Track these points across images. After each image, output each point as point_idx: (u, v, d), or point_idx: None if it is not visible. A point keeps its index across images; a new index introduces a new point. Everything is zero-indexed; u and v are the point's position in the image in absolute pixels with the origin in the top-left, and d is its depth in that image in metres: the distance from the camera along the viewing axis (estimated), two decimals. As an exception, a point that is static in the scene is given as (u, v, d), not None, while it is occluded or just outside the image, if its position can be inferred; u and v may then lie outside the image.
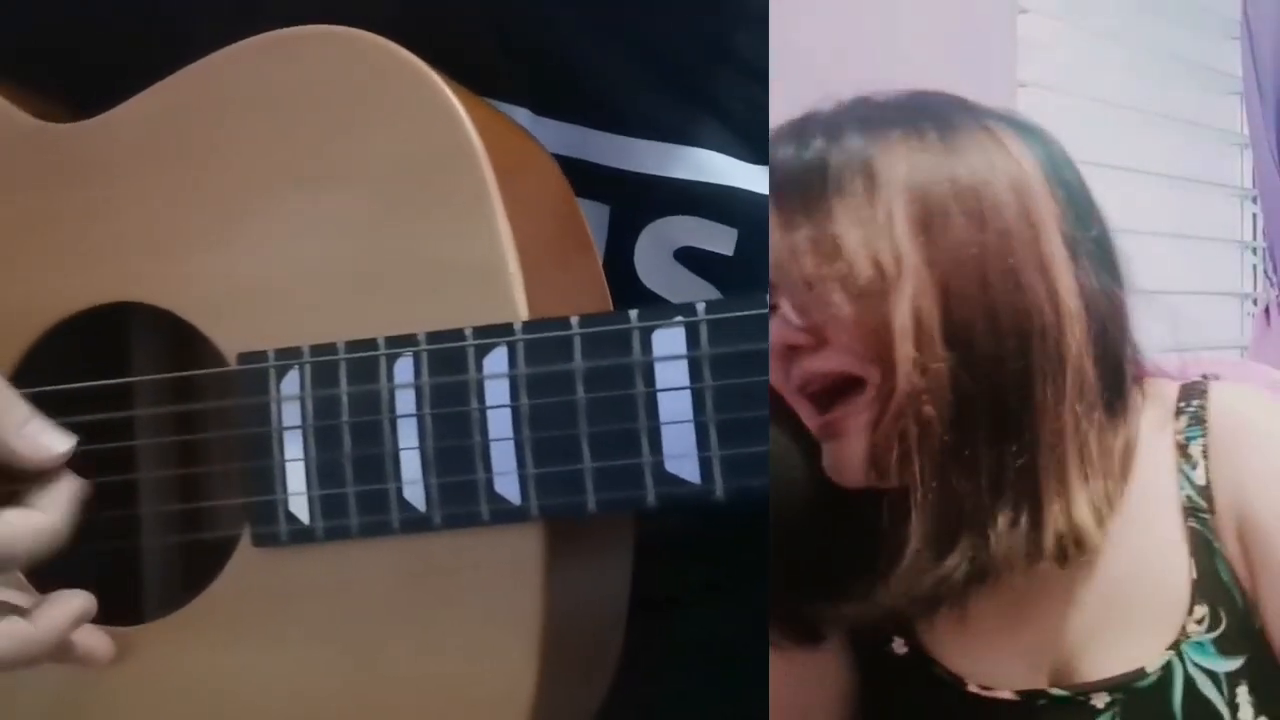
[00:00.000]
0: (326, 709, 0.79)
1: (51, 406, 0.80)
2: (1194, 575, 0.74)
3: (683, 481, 0.73)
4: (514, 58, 0.88)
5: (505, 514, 0.75)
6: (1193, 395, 0.76)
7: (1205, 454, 0.75)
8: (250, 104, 0.81)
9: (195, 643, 0.81)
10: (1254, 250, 1.88)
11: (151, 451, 0.86)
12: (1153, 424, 0.76)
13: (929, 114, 0.75)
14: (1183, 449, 0.75)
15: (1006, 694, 0.76)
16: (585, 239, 0.86)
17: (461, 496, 0.76)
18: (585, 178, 0.86)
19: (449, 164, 0.77)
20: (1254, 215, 1.89)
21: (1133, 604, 0.74)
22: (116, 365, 0.87)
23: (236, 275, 0.81)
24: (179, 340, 0.83)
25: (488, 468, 0.75)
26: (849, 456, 0.73)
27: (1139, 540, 0.74)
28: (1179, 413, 0.76)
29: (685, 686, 0.94)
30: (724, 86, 0.88)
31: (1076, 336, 0.71)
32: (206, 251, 0.81)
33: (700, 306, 0.73)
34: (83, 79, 0.87)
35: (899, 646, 0.78)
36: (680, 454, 0.73)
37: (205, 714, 0.81)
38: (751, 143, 0.87)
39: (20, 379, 0.83)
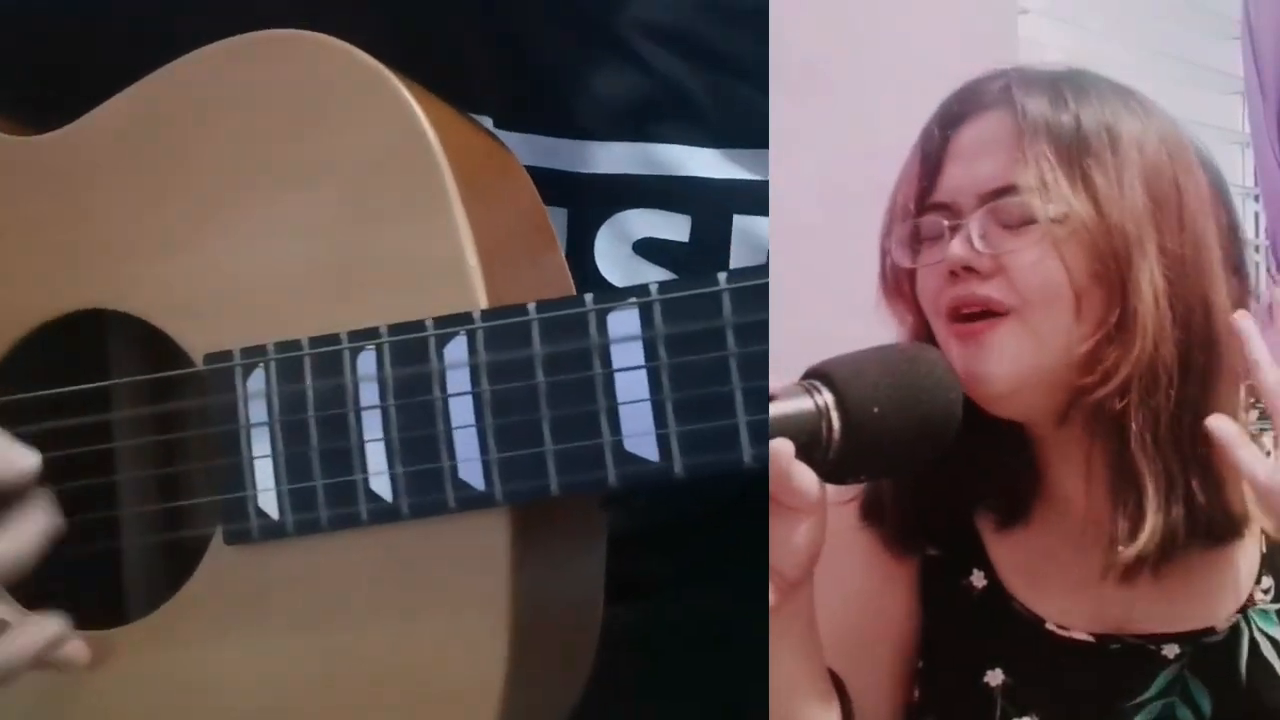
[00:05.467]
0: (302, 702, 0.80)
1: (25, 413, 0.82)
2: (1264, 549, 0.78)
3: (642, 460, 0.74)
4: (478, 70, 0.91)
5: (470, 500, 0.76)
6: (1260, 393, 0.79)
7: (1277, 444, 0.77)
8: (212, 109, 0.83)
9: (172, 643, 0.82)
10: (1256, 248, 1.87)
11: (123, 454, 0.87)
12: None
13: (1138, 102, 0.78)
14: (1254, 438, 0.77)
15: (1083, 635, 0.78)
16: (549, 234, 0.87)
17: (427, 485, 0.77)
18: (546, 184, 0.88)
19: (407, 162, 0.79)
20: (1256, 214, 1.88)
21: (1209, 566, 0.77)
22: (89, 371, 0.87)
23: (201, 278, 0.82)
24: (150, 344, 0.85)
25: (451, 455, 0.76)
26: (984, 365, 0.75)
27: None
28: (1249, 406, 0.79)
29: (667, 670, 0.95)
30: (676, 78, 0.90)
31: (1230, 329, 0.75)
32: (171, 256, 0.83)
33: (653, 288, 0.74)
34: (52, 90, 0.89)
35: (978, 580, 0.80)
36: (639, 433, 0.74)
37: (183, 712, 0.82)
38: (703, 128, 0.89)
39: (-6, 386, 0.85)
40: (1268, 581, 0.78)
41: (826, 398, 0.69)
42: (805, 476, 0.68)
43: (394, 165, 0.79)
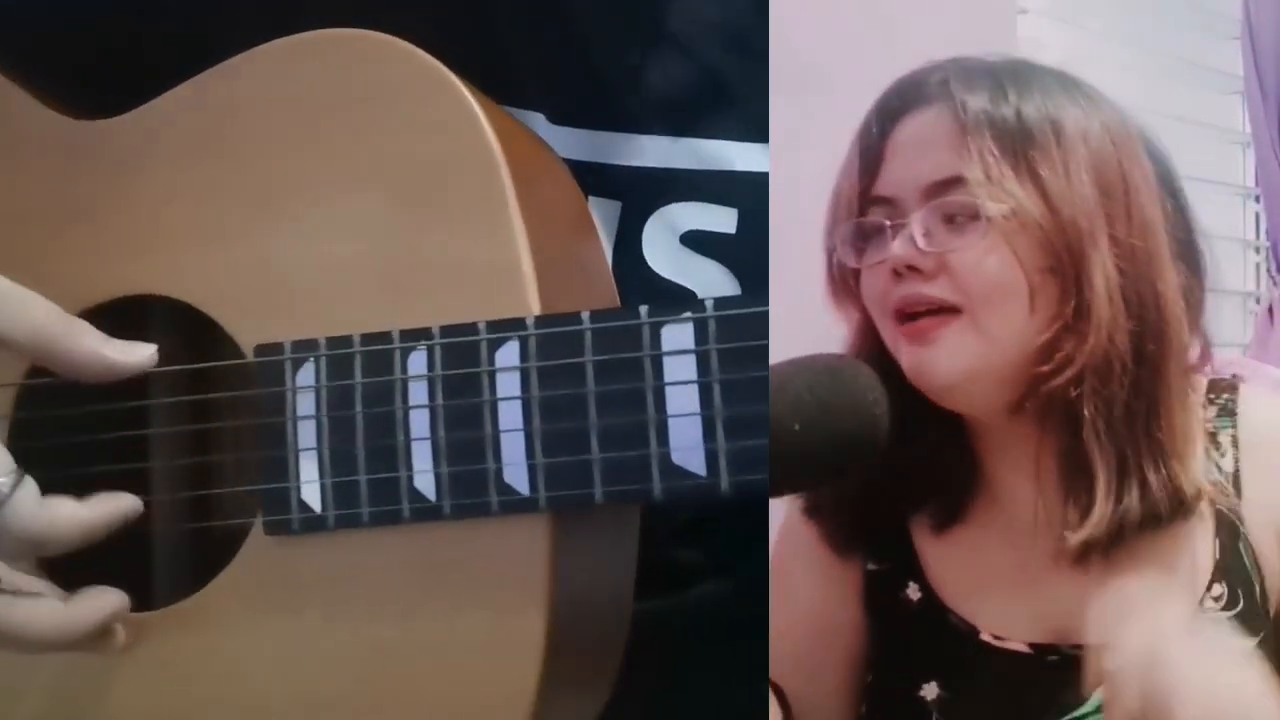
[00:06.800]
0: (332, 696, 0.80)
1: (72, 395, 0.82)
2: (1216, 555, 0.76)
3: (689, 474, 0.75)
4: (532, 67, 0.91)
5: (514, 504, 0.77)
6: (1222, 390, 0.79)
7: (1235, 444, 0.78)
8: (275, 104, 0.83)
9: (205, 630, 0.82)
10: (1256, 249, 1.88)
11: (167, 440, 0.88)
12: None
13: (1081, 90, 0.79)
14: (1212, 436, 0.78)
15: (1019, 645, 0.78)
16: (594, 239, 0.88)
17: (471, 486, 0.77)
18: (598, 178, 0.89)
19: (468, 167, 0.79)
20: (1256, 214, 1.89)
21: (1155, 573, 0.76)
22: None
23: (256, 270, 0.82)
24: (194, 333, 0.85)
25: (497, 458, 0.77)
26: (933, 363, 0.75)
27: None
28: (1208, 403, 0.79)
29: (693, 661, 0.96)
30: (724, 74, 0.91)
31: (1179, 318, 0.75)
32: (227, 247, 0.83)
33: (709, 303, 0.75)
34: (111, 79, 0.89)
35: (913, 592, 0.80)
36: (687, 446, 0.75)
37: (214, 699, 0.82)
38: (748, 123, 0.90)
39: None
40: (1219, 589, 0.76)
41: None
42: None
43: (454, 169, 0.79)
